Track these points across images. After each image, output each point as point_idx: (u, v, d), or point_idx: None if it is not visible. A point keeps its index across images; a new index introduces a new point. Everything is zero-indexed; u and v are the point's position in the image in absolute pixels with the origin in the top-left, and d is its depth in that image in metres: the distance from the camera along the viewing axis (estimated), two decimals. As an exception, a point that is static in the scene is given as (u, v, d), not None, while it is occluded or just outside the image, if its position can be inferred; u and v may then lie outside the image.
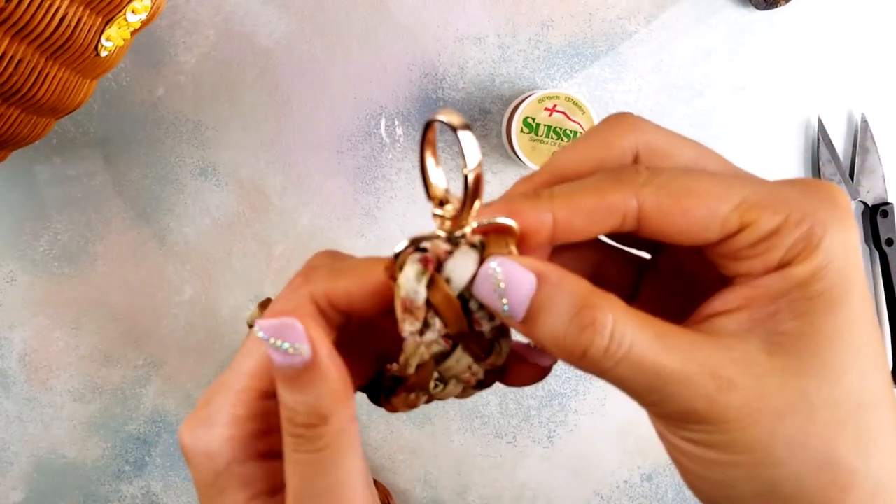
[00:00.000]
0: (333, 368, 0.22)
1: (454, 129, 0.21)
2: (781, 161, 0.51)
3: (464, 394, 0.26)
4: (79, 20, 0.34)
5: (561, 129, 0.45)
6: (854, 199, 0.50)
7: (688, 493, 0.51)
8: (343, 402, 0.23)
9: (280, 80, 0.49)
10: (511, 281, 0.23)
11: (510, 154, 0.48)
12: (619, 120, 0.25)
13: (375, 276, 0.24)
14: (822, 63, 0.50)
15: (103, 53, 0.38)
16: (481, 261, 0.23)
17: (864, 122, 0.50)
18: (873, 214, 0.50)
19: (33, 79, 0.35)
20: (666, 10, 0.50)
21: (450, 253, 0.23)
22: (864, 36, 0.50)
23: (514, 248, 0.23)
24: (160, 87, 0.49)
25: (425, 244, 0.23)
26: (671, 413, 0.23)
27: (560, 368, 0.51)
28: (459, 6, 0.49)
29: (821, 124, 0.50)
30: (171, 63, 0.49)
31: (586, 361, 0.22)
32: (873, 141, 0.50)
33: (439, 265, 0.23)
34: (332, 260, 0.27)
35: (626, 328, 0.22)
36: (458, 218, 0.23)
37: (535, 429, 0.51)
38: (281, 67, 0.49)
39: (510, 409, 0.51)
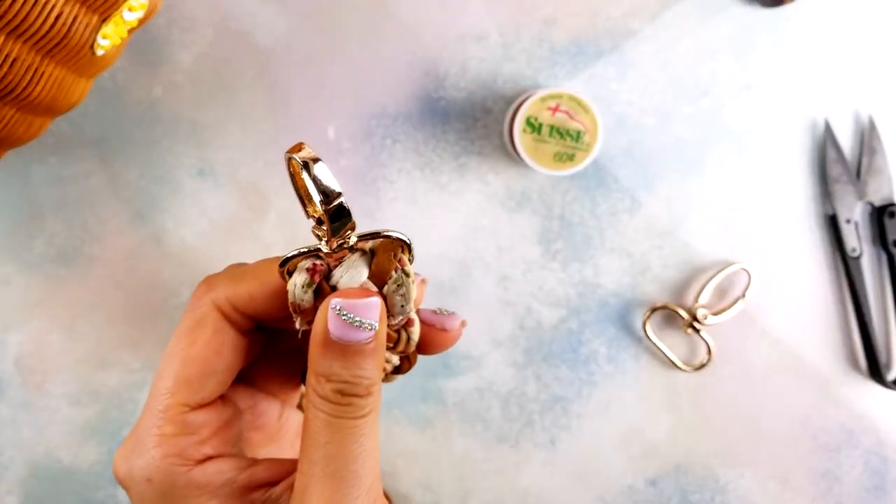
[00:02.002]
0: (384, 345, 0.25)
1: (308, 165, 0.22)
2: (788, 161, 0.50)
3: (386, 380, 0.28)
4: (74, 18, 0.34)
5: (564, 128, 0.45)
6: (861, 199, 0.49)
7: (692, 497, 0.50)
8: (382, 371, 0.25)
9: (279, 79, 0.49)
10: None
11: (512, 154, 0.47)
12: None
13: (275, 277, 0.26)
14: (829, 62, 0.50)
15: (99, 52, 0.37)
16: (370, 267, 0.25)
17: (872, 122, 0.49)
18: (880, 215, 0.49)
19: (28, 78, 0.34)
20: (670, 8, 0.49)
21: (339, 260, 0.25)
22: (871, 35, 0.50)
23: (403, 256, 0.25)
24: (157, 86, 0.48)
25: (318, 249, 0.25)
26: None
27: (563, 373, 0.50)
28: (461, 4, 0.48)
29: (828, 124, 0.49)
30: (168, 62, 0.48)
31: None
32: (880, 141, 0.49)
33: (329, 273, 0.25)
34: (235, 267, 0.28)
35: None
36: (330, 242, 0.24)
37: (537, 433, 0.50)
38: (279, 66, 0.49)
39: (512, 414, 0.50)
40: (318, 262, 0.25)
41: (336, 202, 0.23)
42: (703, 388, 0.51)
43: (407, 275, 0.25)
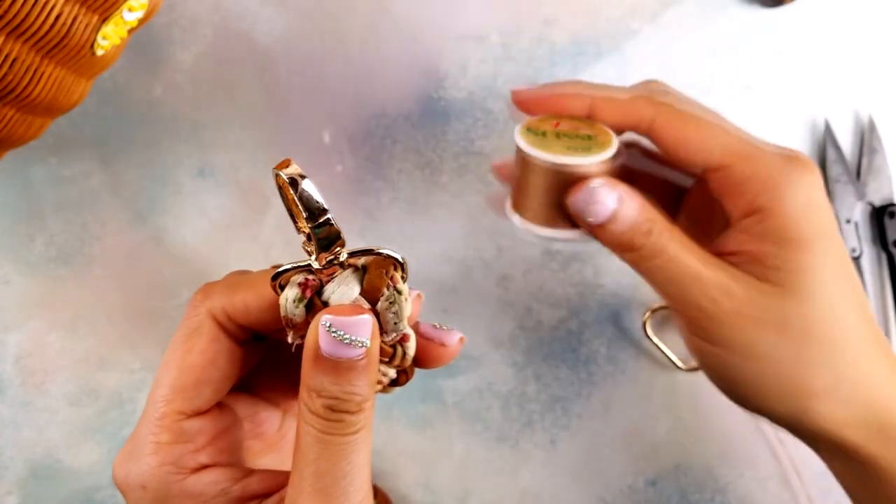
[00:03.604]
0: (377, 361, 0.25)
1: (294, 182, 0.23)
2: (787, 161, 0.50)
3: (383, 391, 0.29)
4: (74, 18, 0.34)
5: (573, 133, 0.38)
6: (861, 199, 0.49)
7: (692, 497, 0.50)
8: (374, 388, 0.25)
9: (279, 79, 0.49)
10: (602, 200, 0.31)
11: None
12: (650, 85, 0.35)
13: (271, 290, 0.26)
14: (829, 62, 0.50)
15: (99, 52, 0.37)
16: (361, 284, 0.25)
17: (872, 122, 0.49)
18: (880, 215, 0.49)
19: (28, 78, 0.34)
20: (670, 8, 0.49)
21: (331, 276, 0.25)
22: (871, 35, 0.50)
23: (395, 274, 0.25)
24: (157, 86, 0.48)
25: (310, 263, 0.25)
26: (682, 311, 0.31)
27: (563, 373, 0.50)
28: (461, 4, 0.48)
29: (828, 124, 0.49)
30: (169, 62, 0.48)
31: (635, 250, 0.31)
32: (880, 141, 0.49)
33: (321, 288, 0.25)
34: (233, 276, 0.28)
35: (669, 233, 0.31)
36: (319, 258, 0.24)
37: (537, 433, 0.50)
38: (280, 66, 0.49)
39: (512, 414, 0.50)
40: (310, 277, 0.25)
41: (322, 219, 0.23)
42: (704, 388, 0.50)
43: (399, 292, 0.25)
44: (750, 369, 0.31)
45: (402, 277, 0.26)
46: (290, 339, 0.25)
